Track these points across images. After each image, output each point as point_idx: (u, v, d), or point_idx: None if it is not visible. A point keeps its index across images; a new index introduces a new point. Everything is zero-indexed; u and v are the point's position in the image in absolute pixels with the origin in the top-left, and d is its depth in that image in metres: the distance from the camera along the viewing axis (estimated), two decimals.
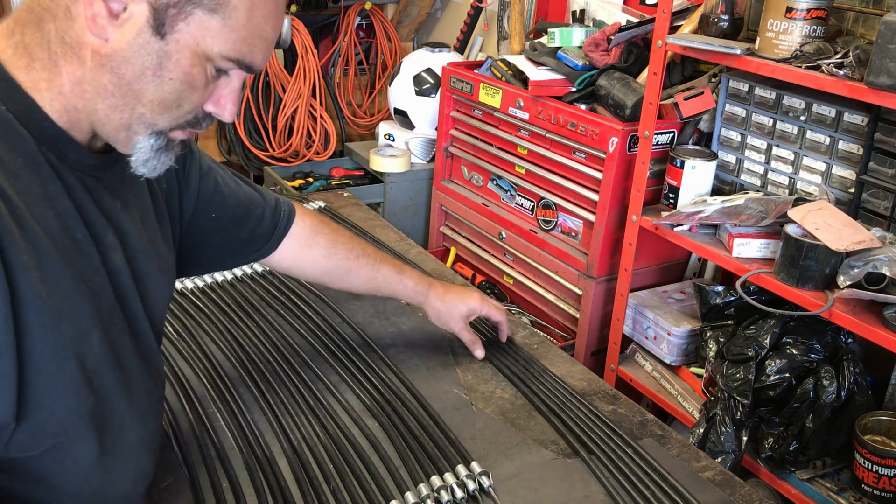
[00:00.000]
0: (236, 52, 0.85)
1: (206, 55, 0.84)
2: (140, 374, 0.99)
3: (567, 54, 2.37)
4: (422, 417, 1.36)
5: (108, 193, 0.93)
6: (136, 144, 0.87)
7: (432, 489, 1.18)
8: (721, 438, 1.73)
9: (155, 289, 1.02)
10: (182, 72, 0.84)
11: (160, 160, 0.89)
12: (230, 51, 0.84)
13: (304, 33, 3.33)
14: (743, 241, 1.82)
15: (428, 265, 1.97)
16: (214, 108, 0.90)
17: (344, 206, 2.31)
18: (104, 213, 0.92)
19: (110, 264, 0.93)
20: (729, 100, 2.00)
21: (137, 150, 0.88)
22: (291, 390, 1.42)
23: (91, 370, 0.88)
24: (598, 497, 1.23)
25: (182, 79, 0.84)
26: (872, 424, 1.63)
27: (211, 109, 0.90)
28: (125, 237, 0.95)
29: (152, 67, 0.83)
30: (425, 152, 3.19)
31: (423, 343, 1.62)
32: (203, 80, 0.86)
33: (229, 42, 0.84)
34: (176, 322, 1.60)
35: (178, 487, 1.18)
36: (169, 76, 0.83)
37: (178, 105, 0.86)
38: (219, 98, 0.89)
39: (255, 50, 0.87)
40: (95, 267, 0.90)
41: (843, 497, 1.65)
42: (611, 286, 2.24)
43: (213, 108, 0.90)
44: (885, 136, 1.64)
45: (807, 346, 1.71)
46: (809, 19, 1.68)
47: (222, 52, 0.84)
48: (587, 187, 2.27)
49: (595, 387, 1.51)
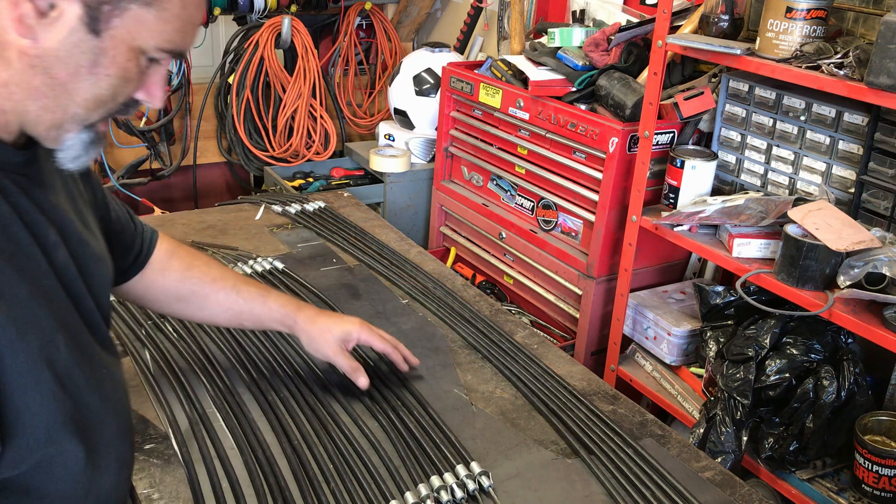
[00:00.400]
0: (171, 43, 0.84)
1: (140, 49, 0.83)
2: (102, 365, 0.98)
3: (567, 54, 2.37)
4: (422, 417, 1.36)
5: (40, 189, 0.91)
6: (65, 140, 0.86)
7: (432, 489, 1.18)
8: (721, 438, 1.73)
9: (97, 277, 1.00)
10: (118, 68, 0.82)
11: (88, 154, 0.88)
12: (166, 42, 0.84)
13: (304, 33, 3.33)
14: (743, 241, 1.82)
15: (428, 265, 1.97)
16: (145, 96, 0.88)
17: (344, 206, 2.31)
18: (43, 210, 0.90)
19: (56, 263, 0.91)
20: (729, 100, 2.00)
21: (67, 146, 0.86)
22: (291, 390, 1.42)
23: (63, 374, 0.87)
24: (598, 497, 1.23)
25: (118, 74, 0.83)
26: (872, 424, 1.63)
27: (142, 97, 0.89)
28: (65, 231, 0.93)
29: (87, 66, 0.81)
30: (425, 152, 3.19)
31: (423, 343, 1.62)
32: (137, 72, 0.85)
33: (164, 34, 0.83)
34: (176, 322, 1.60)
35: (178, 487, 1.18)
36: (105, 73, 0.82)
37: (112, 99, 0.85)
38: (150, 86, 0.88)
39: (186, 37, 0.86)
40: (44, 269, 0.88)
41: (843, 497, 1.65)
42: (611, 286, 2.24)
43: (143, 97, 0.88)
44: (885, 136, 1.64)
45: (807, 346, 1.71)
46: (809, 19, 1.68)
47: (158, 45, 0.83)
48: (587, 187, 2.27)
49: (595, 387, 1.51)
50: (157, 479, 1.20)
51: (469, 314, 1.73)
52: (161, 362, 1.48)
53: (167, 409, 1.34)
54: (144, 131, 3.29)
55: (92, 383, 0.93)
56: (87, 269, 0.97)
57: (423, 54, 3.17)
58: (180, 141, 3.41)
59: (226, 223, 2.13)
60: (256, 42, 3.26)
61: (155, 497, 1.17)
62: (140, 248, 1.26)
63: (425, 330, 1.67)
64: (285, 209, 2.22)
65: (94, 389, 0.94)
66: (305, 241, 2.06)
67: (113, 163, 3.32)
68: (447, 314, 1.72)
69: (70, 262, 0.93)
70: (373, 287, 1.84)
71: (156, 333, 1.56)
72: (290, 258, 1.94)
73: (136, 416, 1.34)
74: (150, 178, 3.36)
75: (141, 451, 1.26)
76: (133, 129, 3.26)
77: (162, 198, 3.56)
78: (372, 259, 1.96)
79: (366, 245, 2.04)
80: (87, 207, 1.05)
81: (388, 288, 1.84)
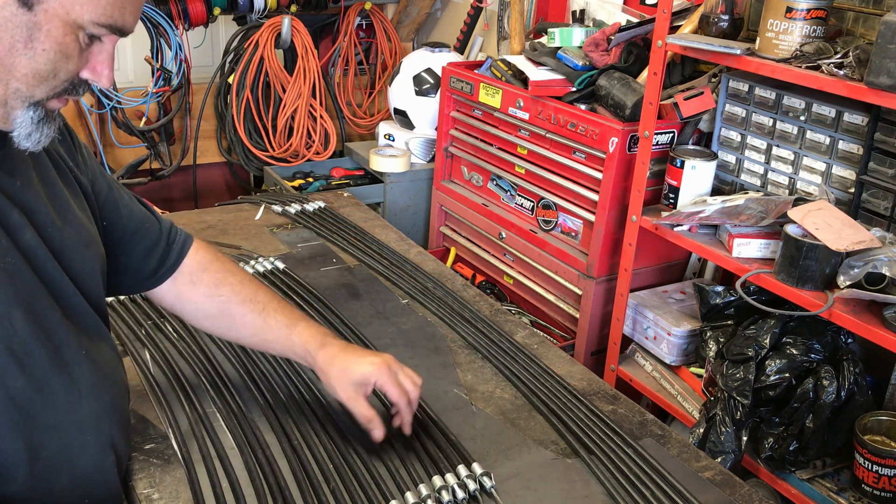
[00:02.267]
0: (107, 18, 0.84)
1: (76, 23, 0.83)
2: (82, 348, 0.99)
3: (567, 54, 2.37)
4: (422, 418, 1.35)
5: (4, 174, 0.93)
6: (14, 119, 0.87)
7: (433, 489, 1.18)
8: (721, 438, 1.73)
9: (80, 262, 1.01)
10: (55, 42, 0.83)
11: (42, 132, 0.89)
12: (101, 16, 0.84)
13: (304, 33, 3.33)
14: (743, 241, 1.82)
15: (428, 265, 1.97)
16: (91, 74, 0.89)
17: (344, 206, 2.31)
18: (5, 194, 0.92)
19: (21, 243, 0.93)
20: (729, 100, 2.00)
21: (17, 125, 0.87)
22: (291, 390, 1.42)
23: (17, 349, 0.89)
24: (598, 497, 1.23)
25: (55, 49, 0.83)
26: (872, 424, 1.63)
27: (87, 76, 0.89)
28: (33, 215, 0.95)
29: (22, 40, 0.82)
30: (425, 152, 3.19)
31: (423, 343, 1.62)
32: (77, 49, 0.85)
33: (99, 8, 0.83)
34: (176, 322, 1.60)
35: (178, 487, 1.18)
36: (41, 48, 0.83)
37: (53, 75, 0.85)
38: (95, 65, 0.89)
39: (125, 13, 0.86)
40: (5, 248, 0.90)
41: (843, 497, 1.65)
42: (611, 286, 2.24)
43: (89, 75, 0.89)
44: (885, 136, 1.64)
45: (807, 346, 1.71)
46: (809, 19, 1.68)
47: (93, 19, 0.84)
48: (587, 187, 2.27)
49: (595, 387, 1.51)
50: (157, 479, 1.20)
51: (469, 314, 1.73)
52: (161, 362, 1.48)
53: (167, 409, 1.34)
54: (144, 131, 3.29)
55: (58, 363, 0.95)
56: (64, 253, 0.98)
57: (423, 54, 3.17)
58: (180, 141, 3.41)
59: (226, 223, 2.13)
60: (256, 42, 3.27)
61: (155, 497, 1.17)
62: (166, 254, 1.24)
63: (425, 330, 1.67)
64: (285, 209, 2.22)
65: (60, 369, 0.95)
66: (305, 241, 2.06)
67: (113, 163, 3.32)
68: (447, 314, 1.72)
69: (40, 244, 0.95)
70: (373, 287, 1.84)
71: (156, 333, 1.56)
72: (290, 258, 1.94)
73: (136, 416, 1.33)
74: (150, 178, 3.36)
75: (141, 451, 1.26)
76: (133, 129, 3.26)
77: (162, 198, 3.56)
78: (372, 259, 1.96)
79: (366, 245, 2.04)
80: (75, 197, 1.06)
81: (388, 288, 1.84)
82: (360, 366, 1.23)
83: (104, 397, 1.03)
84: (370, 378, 1.23)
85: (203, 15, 3.24)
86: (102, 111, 3.20)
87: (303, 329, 1.28)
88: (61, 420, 0.97)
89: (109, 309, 1.63)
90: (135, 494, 1.17)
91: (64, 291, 0.98)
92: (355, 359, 1.24)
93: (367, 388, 1.23)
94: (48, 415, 0.95)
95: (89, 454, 1.00)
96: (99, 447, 1.02)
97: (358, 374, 1.22)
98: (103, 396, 1.03)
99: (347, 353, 1.25)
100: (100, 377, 1.03)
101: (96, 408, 1.01)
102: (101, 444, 1.03)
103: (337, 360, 1.24)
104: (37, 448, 0.95)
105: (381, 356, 1.26)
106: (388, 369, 1.24)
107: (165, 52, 3.21)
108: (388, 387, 1.23)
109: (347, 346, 1.29)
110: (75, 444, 0.98)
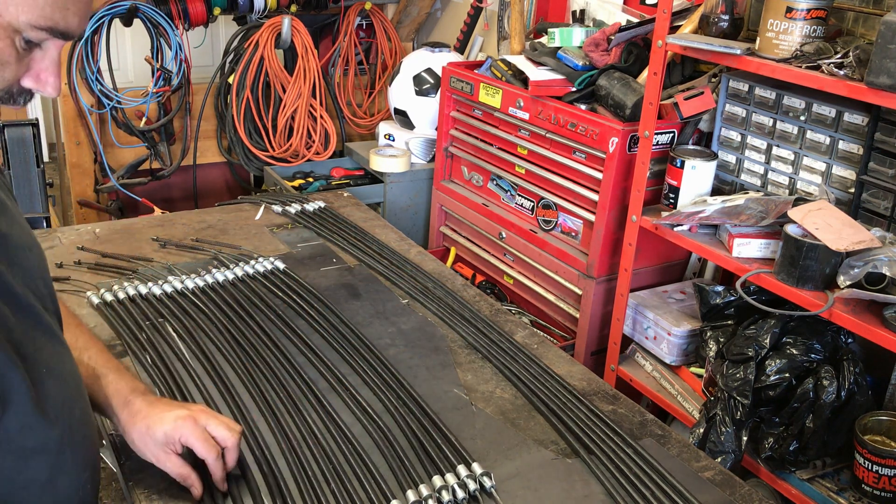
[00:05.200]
0: (47, 20, 0.75)
1: (11, 26, 0.74)
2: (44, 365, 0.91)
3: (567, 54, 2.37)
4: (423, 418, 1.36)
5: None
6: None
7: (434, 489, 1.18)
8: (721, 438, 1.73)
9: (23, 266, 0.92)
10: None
11: None
12: (39, 18, 0.74)
13: (304, 33, 3.33)
14: (743, 241, 1.82)
15: (428, 265, 1.97)
16: (34, 83, 0.80)
17: (344, 206, 2.31)
18: None
19: None
20: (729, 100, 2.00)
21: None
22: (291, 391, 1.42)
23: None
24: (598, 497, 1.23)
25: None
26: (872, 424, 1.63)
27: (30, 85, 0.80)
28: None
29: None
30: (425, 152, 3.19)
31: (423, 343, 1.62)
32: (13, 55, 0.76)
33: (37, 9, 0.74)
34: (176, 322, 1.60)
35: (179, 487, 1.18)
36: None
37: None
38: (38, 72, 0.80)
39: (68, 14, 0.76)
40: None
41: (843, 497, 1.65)
42: (611, 286, 2.24)
43: (32, 84, 0.80)
44: (885, 136, 1.64)
45: (807, 346, 1.71)
46: (809, 19, 1.68)
47: (31, 21, 0.74)
48: (587, 187, 2.27)
49: (595, 387, 1.51)
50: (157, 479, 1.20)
51: (469, 314, 1.73)
52: (160, 363, 1.47)
53: None
54: (144, 131, 3.29)
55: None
56: (12, 260, 0.90)
57: (423, 54, 3.17)
58: (180, 141, 3.41)
59: (226, 223, 2.13)
60: (256, 42, 3.27)
61: (155, 497, 1.17)
62: None
63: (425, 330, 1.67)
64: (285, 209, 2.22)
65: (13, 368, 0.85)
66: (305, 241, 2.06)
67: (113, 163, 3.32)
68: (447, 314, 1.72)
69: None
70: (373, 287, 1.84)
71: (155, 335, 1.56)
72: (290, 258, 1.94)
73: None
74: (150, 178, 3.36)
75: None
76: (133, 129, 3.27)
77: (162, 198, 3.56)
78: (372, 259, 1.96)
79: (366, 245, 2.04)
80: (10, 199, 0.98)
81: (388, 288, 1.84)
82: (163, 424, 1.12)
83: (74, 414, 0.94)
84: (173, 436, 1.11)
85: (203, 15, 3.25)
86: (102, 111, 3.20)
87: (111, 381, 1.14)
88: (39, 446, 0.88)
89: (110, 308, 1.63)
90: (135, 495, 1.17)
91: (14, 294, 0.88)
92: (157, 416, 1.12)
93: (174, 445, 1.13)
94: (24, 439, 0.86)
95: (68, 476, 0.93)
96: (76, 468, 0.95)
97: (160, 434, 1.12)
98: (73, 413, 0.94)
99: (151, 410, 1.13)
100: (66, 393, 0.94)
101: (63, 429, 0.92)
102: (78, 465, 0.95)
103: (139, 418, 1.12)
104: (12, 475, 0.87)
105: (189, 408, 1.15)
106: (194, 423, 1.13)
107: (165, 52, 3.21)
108: (193, 441, 1.12)
109: (155, 401, 1.15)
110: (55, 467, 0.90)
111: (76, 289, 1.71)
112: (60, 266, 1.80)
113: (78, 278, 1.76)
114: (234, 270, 1.81)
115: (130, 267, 1.83)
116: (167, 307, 1.65)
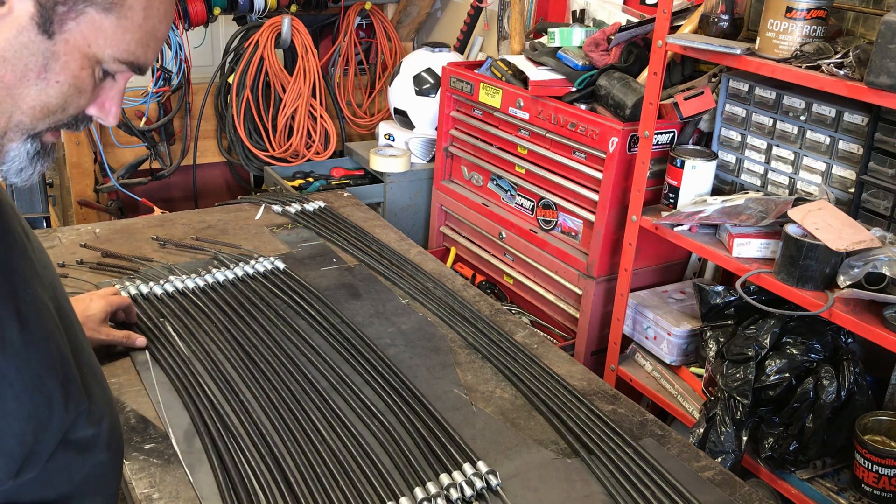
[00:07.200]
0: (130, 55, 0.78)
1: (96, 57, 0.77)
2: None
3: (567, 54, 2.37)
4: (426, 417, 1.36)
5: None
6: (8, 153, 0.79)
7: (441, 487, 1.19)
8: (721, 438, 1.73)
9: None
10: (70, 75, 0.76)
11: (35, 167, 0.81)
12: (123, 53, 0.77)
13: (304, 33, 3.33)
14: (743, 241, 1.82)
15: (428, 265, 1.97)
16: (98, 112, 0.82)
17: (344, 206, 2.31)
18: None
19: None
20: (729, 100, 2.00)
21: (10, 158, 0.79)
22: (294, 390, 1.42)
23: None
24: (598, 497, 1.23)
25: (70, 82, 0.76)
26: (872, 424, 1.63)
27: (94, 113, 0.82)
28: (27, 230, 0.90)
29: (36, 69, 0.74)
30: (425, 152, 3.19)
31: (423, 343, 1.62)
32: (91, 84, 0.78)
33: (123, 43, 0.77)
34: (176, 322, 1.60)
35: (178, 487, 1.18)
36: (55, 79, 0.76)
37: (62, 110, 0.78)
38: (104, 101, 0.82)
39: (148, 51, 0.80)
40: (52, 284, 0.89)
41: (843, 497, 1.65)
42: (611, 286, 2.24)
43: (96, 112, 0.82)
44: (885, 136, 1.64)
45: (807, 346, 1.71)
46: (809, 19, 1.68)
47: (115, 55, 0.77)
48: (587, 187, 2.27)
49: (595, 387, 1.51)
50: (158, 479, 1.20)
51: (469, 314, 1.73)
52: (161, 362, 1.48)
53: (167, 409, 1.34)
54: (144, 131, 3.28)
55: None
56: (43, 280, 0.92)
57: (423, 54, 3.17)
58: (180, 141, 3.41)
59: (226, 223, 2.14)
60: (256, 42, 3.26)
61: (155, 497, 1.17)
62: None
63: (425, 330, 1.67)
64: (285, 209, 2.22)
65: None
66: (305, 241, 2.06)
67: (113, 162, 3.32)
68: (447, 314, 1.72)
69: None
70: (373, 287, 1.84)
71: (155, 333, 1.56)
72: (290, 258, 1.94)
73: (137, 415, 1.34)
74: (150, 178, 3.36)
75: (141, 451, 1.26)
76: (133, 129, 3.26)
77: (162, 198, 3.56)
78: (372, 259, 1.96)
79: (366, 245, 2.04)
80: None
81: (388, 288, 1.84)
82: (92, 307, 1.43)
83: (113, 412, 0.98)
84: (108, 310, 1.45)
85: (203, 15, 3.24)
86: None
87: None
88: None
89: None
90: (135, 494, 1.17)
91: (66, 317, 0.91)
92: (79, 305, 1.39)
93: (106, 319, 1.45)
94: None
95: (114, 473, 0.96)
96: (118, 464, 0.98)
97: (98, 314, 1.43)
98: (112, 412, 0.97)
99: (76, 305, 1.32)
100: (104, 392, 0.98)
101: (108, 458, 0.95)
102: (118, 462, 0.98)
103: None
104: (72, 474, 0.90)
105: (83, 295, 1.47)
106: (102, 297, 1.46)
107: (165, 51, 3.21)
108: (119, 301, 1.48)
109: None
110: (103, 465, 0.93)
111: (76, 289, 1.71)
112: (62, 265, 1.81)
113: (79, 277, 1.76)
114: (235, 270, 1.81)
115: (132, 266, 1.83)
116: (167, 307, 1.65)
